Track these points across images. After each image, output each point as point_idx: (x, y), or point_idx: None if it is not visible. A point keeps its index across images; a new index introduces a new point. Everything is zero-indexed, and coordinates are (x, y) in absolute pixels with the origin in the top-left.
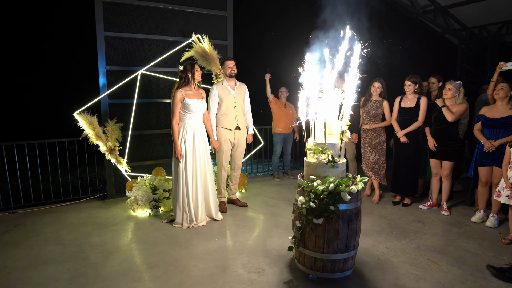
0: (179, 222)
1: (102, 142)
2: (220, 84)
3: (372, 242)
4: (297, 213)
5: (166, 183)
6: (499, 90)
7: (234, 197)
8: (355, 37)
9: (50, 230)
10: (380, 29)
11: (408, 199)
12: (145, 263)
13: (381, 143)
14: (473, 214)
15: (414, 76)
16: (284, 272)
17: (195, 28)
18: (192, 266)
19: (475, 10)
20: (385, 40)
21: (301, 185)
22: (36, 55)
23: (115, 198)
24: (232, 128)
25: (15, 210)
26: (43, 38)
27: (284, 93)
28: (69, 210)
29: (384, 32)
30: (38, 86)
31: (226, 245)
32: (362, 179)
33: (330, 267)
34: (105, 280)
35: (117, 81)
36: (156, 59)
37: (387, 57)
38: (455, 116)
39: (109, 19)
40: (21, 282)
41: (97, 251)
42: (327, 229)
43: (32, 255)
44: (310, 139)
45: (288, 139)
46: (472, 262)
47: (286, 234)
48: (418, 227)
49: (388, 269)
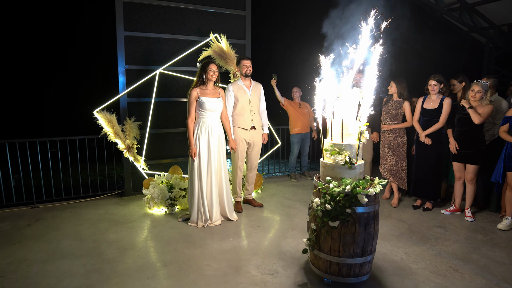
0: (194, 221)
1: (121, 140)
2: (235, 84)
3: (391, 247)
4: (312, 215)
5: (182, 182)
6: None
7: (250, 197)
8: (375, 33)
9: (69, 225)
10: (399, 28)
11: (429, 203)
12: (159, 261)
13: (400, 144)
14: (499, 220)
15: (438, 75)
16: (298, 275)
17: (213, 28)
18: (206, 266)
19: (504, 8)
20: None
21: (317, 186)
22: (58, 55)
23: (132, 196)
24: (248, 127)
25: (37, 204)
26: (64, 38)
27: (297, 93)
28: (88, 206)
29: (402, 31)
30: (60, 85)
31: (240, 245)
32: (380, 182)
33: (346, 271)
34: (119, 276)
35: (136, 80)
36: (174, 59)
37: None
38: (482, 118)
39: (128, 19)
40: (39, 275)
41: (113, 247)
42: (343, 232)
43: (51, 249)
44: (327, 139)
45: (306, 140)
46: (498, 272)
47: (301, 236)
48: (440, 233)
49: (407, 276)
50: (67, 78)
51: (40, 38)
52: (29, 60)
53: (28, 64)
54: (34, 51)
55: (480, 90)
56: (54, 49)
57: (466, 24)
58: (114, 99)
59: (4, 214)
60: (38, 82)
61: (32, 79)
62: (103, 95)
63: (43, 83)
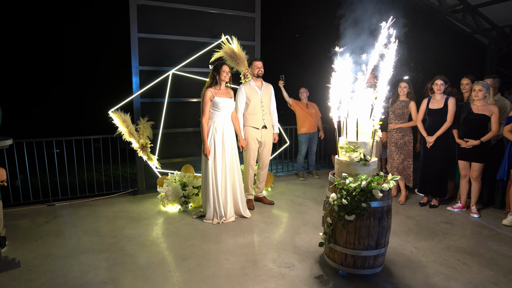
0: (210, 218)
1: (135, 139)
2: (247, 84)
3: (400, 241)
4: (328, 209)
5: (195, 180)
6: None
7: (261, 195)
8: (386, 34)
9: (87, 222)
10: (403, 29)
11: (435, 201)
12: (178, 256)
13: (407, 143)
14: (504, 217)
15: (443, 76)
16: (314, 268)
17: (224, 29)
18: (224, 260)
19: (506, 9)
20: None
21: (333, 182)
22: (73, 57)
23: (145, 194)
24: (259, 127)
25: (53, 202)
26: (75, 39)
27: (304, 94)
28: (103, 204)
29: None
30: (71, 85)
31: (255, 240)
32: (393, 177)
33: (361, 263)
34: (142, 270)
35: (149, 81)
36: (187, 60)
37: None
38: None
39: (142, 21)
40: (65, 268)
41: (132, 243)
42: (358, 225)
43: (72, 245)
44: (342, 137)
45: (313, 139)
46: (505, 264)
47: (313, 232)
48: (447, 229)
49: (418, 268)
50: (79, 78)
51: (53, 39)
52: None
53: (49, 66)
54: (44, 52)
55: (481, 88)
56: (68, 51)
57: (469, 26)
58: (128, 99)
59: (22, 212)
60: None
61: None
62: (118, 95)
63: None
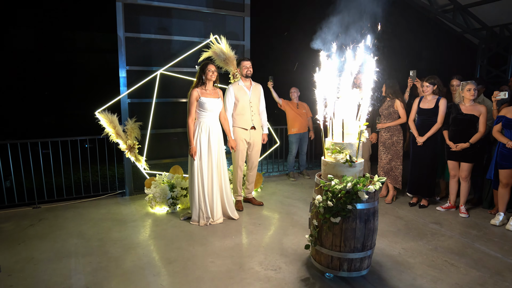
0: (196, 219)
1: (122, 140)
2: (236, 84)
3: (388, 242)
4: (314, 211)
5: (184, 181)
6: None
7: (250, 196)
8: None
9: (73, 225)
10: (393, 27)
11: (425, 201)
12: (164, 259)
13: (395, 143)
14: (492, 216)
15: (433, 77)
16: (301, 270)
17: (213, 29)
18: (210, 262)
19: (496, 9)
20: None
21: (319, 184)
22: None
23: (133, 195)
24: (248, 127)
25: (39, 205)
26: (63, 39)
27: (295, 93)
28: (90, 206)
29: (394, 30)
30: (62, 87)
31: (243, 242)
32: (379, 179)
33: (347, 266)
34: (126, 274)
35: (137, 81)
36: (175, 60)
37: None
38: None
39: (129, 21)
40: (47, 273)
41: (117, 246)
42: (344, 228)
43: (56, 248)
44: (328, 138)
45: (304, 139)
46: (492, 265)
47: (302, 233)
48: (436, 229)
49: (405, 270)
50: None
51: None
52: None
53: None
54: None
55: (475, 87)
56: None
57: (460, 25)
58: (115, 100)
59: (7, 215)
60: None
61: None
62: (105, 96)
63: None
